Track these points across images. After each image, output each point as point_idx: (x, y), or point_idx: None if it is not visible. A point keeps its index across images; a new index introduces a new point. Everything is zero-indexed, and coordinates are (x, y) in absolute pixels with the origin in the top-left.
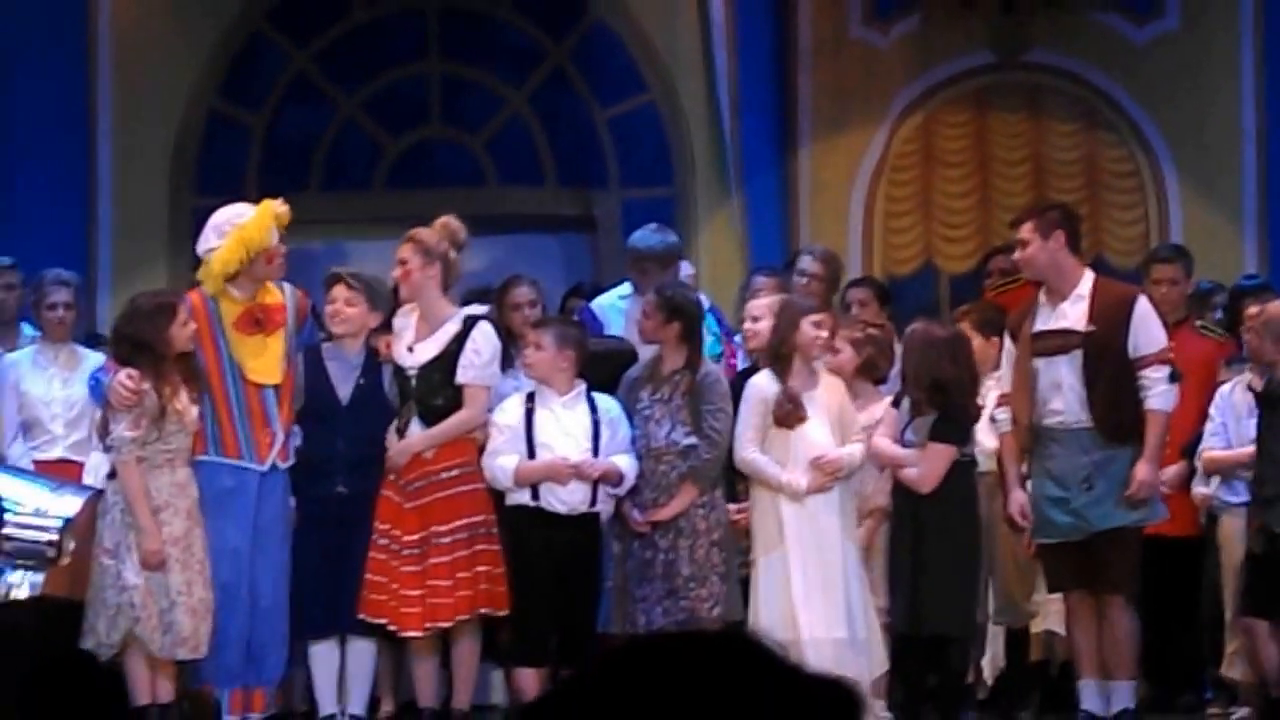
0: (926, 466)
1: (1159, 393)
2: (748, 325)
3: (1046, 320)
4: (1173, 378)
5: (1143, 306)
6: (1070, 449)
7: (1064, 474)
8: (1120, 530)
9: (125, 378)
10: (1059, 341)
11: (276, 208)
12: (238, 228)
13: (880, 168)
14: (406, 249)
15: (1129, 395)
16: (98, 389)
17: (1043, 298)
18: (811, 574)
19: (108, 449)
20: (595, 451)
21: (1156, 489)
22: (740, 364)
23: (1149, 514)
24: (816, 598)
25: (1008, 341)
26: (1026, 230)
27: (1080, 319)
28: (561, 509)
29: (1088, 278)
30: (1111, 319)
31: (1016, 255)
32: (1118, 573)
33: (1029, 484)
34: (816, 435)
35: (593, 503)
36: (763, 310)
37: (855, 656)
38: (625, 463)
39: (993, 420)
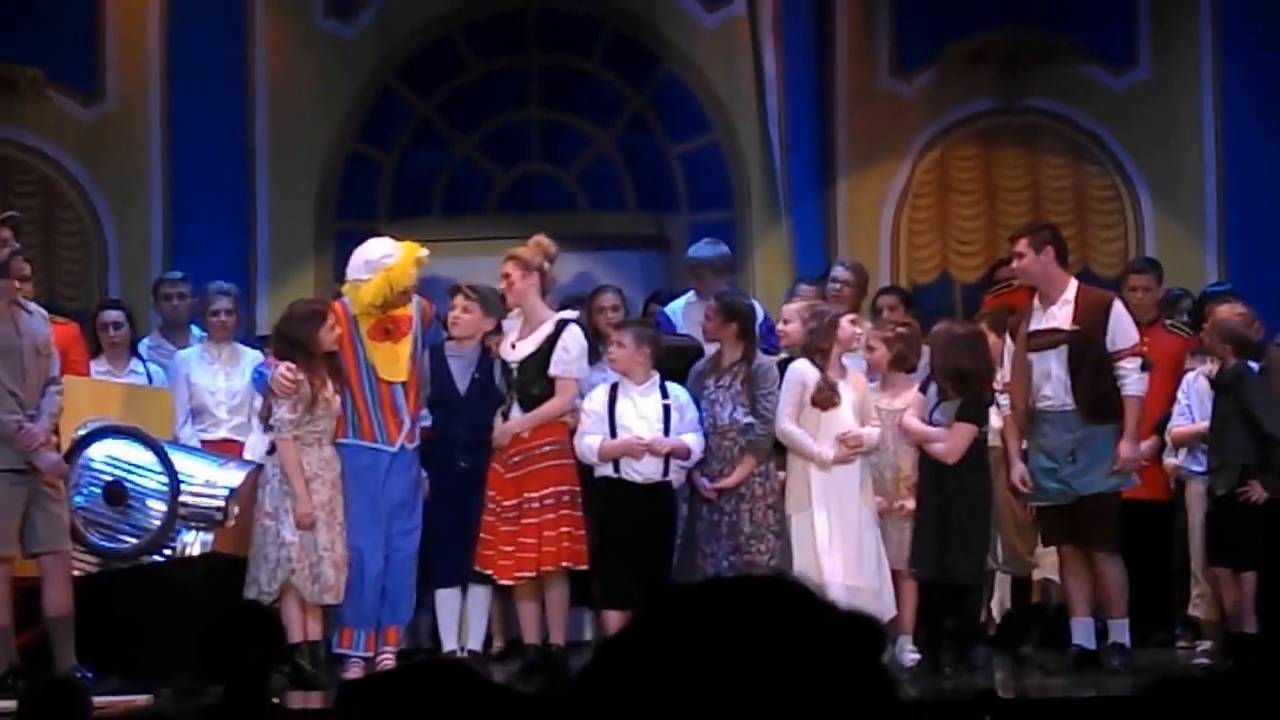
0: (953, 442)
1: (1133, 381)
2: (780, 326)
3: (1039, 321)
4: (1143, 367)
5: (1118, 309)
6: (1058, 428)
7: (1053, 449)
8: (1100, 495)
9: (286, 369)
10: (1049, 339)
11: (419, 253)
12: (386, 269)
13: (904, 195)
14: (508, 265)
15: (1107, 383)
16: (261, 380)
17: (1036, 303)
18: (833, 530)
19: (269, 429)
20: (666, 431)
21: (1138, 462)
22: None
23: (1123, 481)
24: (837, 550)
25: (1007, 339)
26: (1022, 245)
27: (1066, 320)
28: (638, 479)
29: (1073, 285)
30: (1092, 319)
31: (1013, 265)
32: (1100, 530)
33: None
34: (843, 416)
35: (665, 474)
36: (792, 314)
37: (871, 601)
38: (692, 440)
39: (996, 405)
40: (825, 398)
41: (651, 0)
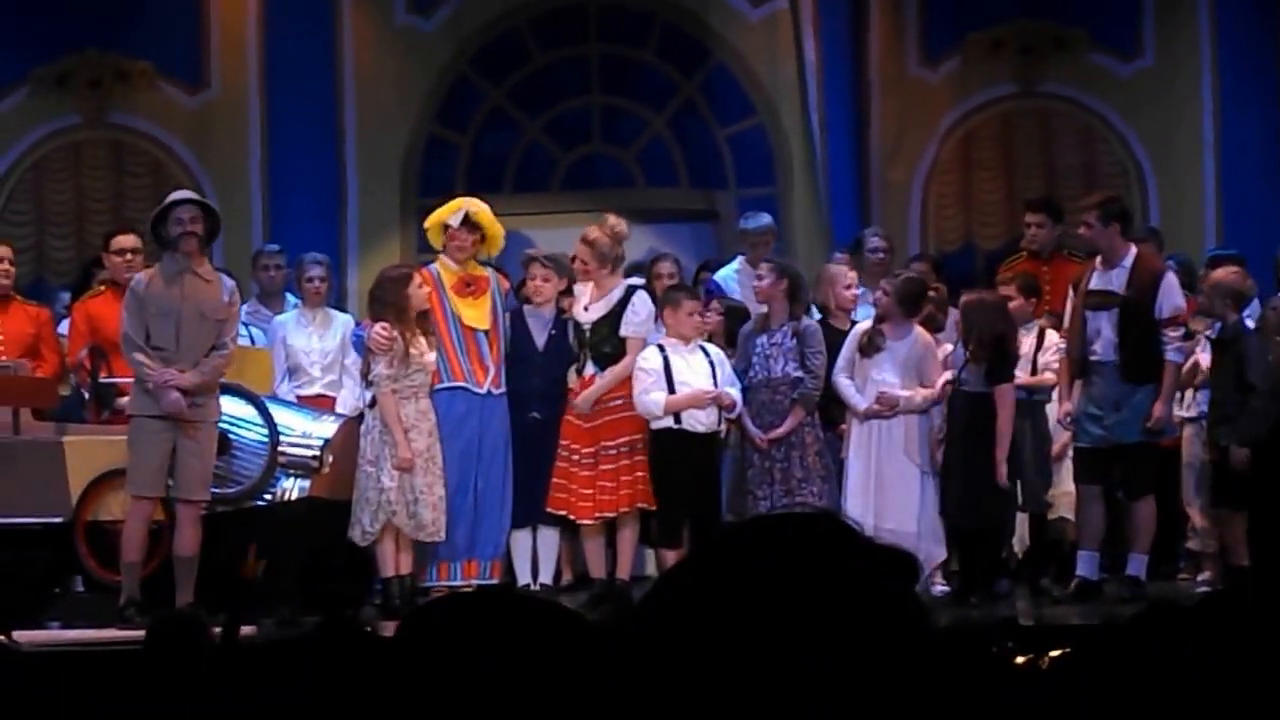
0: (1004, 410)
1: (1174, 347)
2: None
3: (1097, 282)
4: (1185, 336)
5: (1169, 279)
6: (1105, 379)
7: (1100, 398)
8: (1140, 444)
9: (381, 328)
10: (1103, 299)
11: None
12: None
13: (932, 171)
14: (583, 250)
15: (1149, 345)
16: (359, 341)
17: (1098, 265)
18: (862, 478)
19: (369, 384)
20: (715, 385)
21: (1169, 421)
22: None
23: (1161, 433)
24: (861, 496)
25: (1070, 292)
26: (1091, 217)
27: (1121, 285)
28: (700, 429)
29: (1131, 252)
30: (1144, 287)
31: (1081, 231)
32: (1139, 475)
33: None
34: (884, 374)
35: (717, 424)
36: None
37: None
38: (735, 393)
39: (1057, 350)
40: (864, 344)
41: None
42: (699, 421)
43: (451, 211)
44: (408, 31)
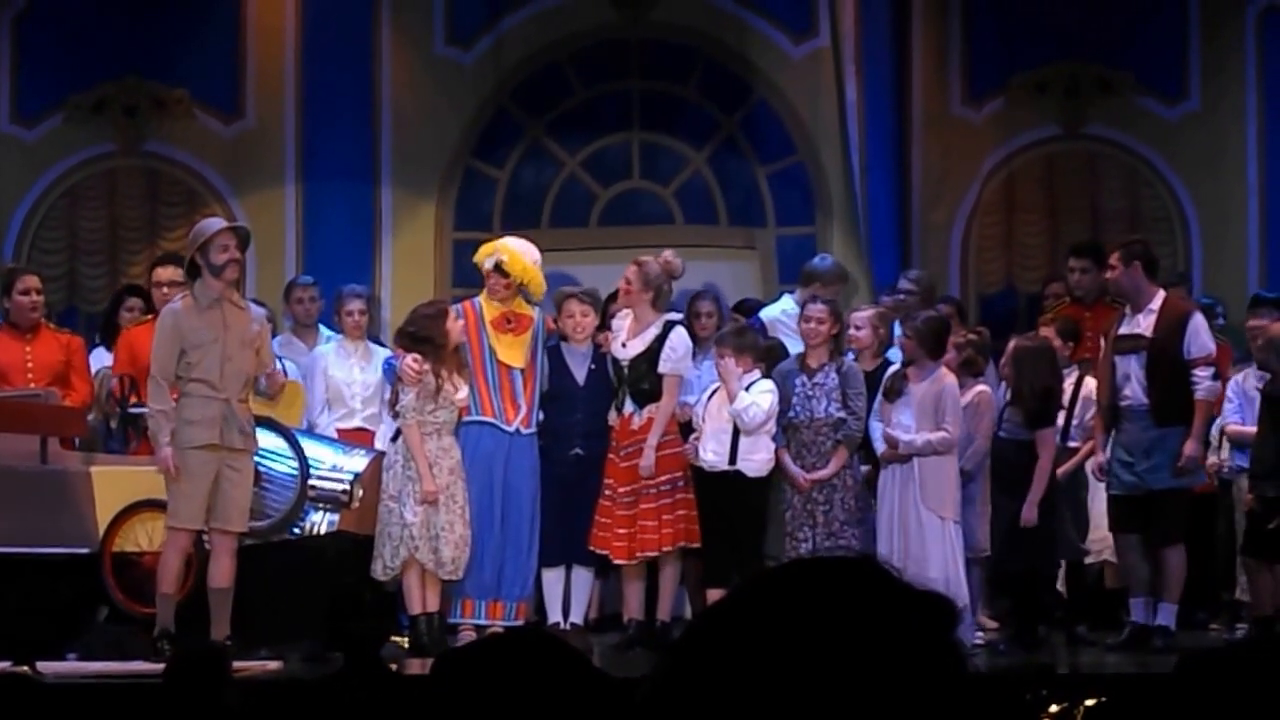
0: (1046, 453)
1: (1205, 388)
2: (851, 332)
3: (1126, 326)
4: (1215, 376)
5: (1196, 320)
6: (1136, 424)
7: (1131, 444)
8: (1171, 491)
9: (412, 360)
10: (1132, 343)
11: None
12: (533, 267)
13: (974, 213)
14: (631, 271)
15: (1180, 387)
16: (390, 371)
17: (1127, 311)
18: (885, 520)
19: (395, 415)
20: (735, 429)
21: (1201, 460)
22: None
23: (1194, 479)
24: (885, 538)
25: (1102, 341)
26: (1114, 259)
27: (1149, 328)
28: (705, 466)
29: (1159, 296)
30: (1172, 329)
31: (1107, 276)
32: (1169, 523)
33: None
34: (900, 417)
35: (731, 460)
36: (863, 321)
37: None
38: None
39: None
40: (887, 388)
41: (743, 32)
42: (701, 459)
43: (486, 255)
44: (446, 63)
